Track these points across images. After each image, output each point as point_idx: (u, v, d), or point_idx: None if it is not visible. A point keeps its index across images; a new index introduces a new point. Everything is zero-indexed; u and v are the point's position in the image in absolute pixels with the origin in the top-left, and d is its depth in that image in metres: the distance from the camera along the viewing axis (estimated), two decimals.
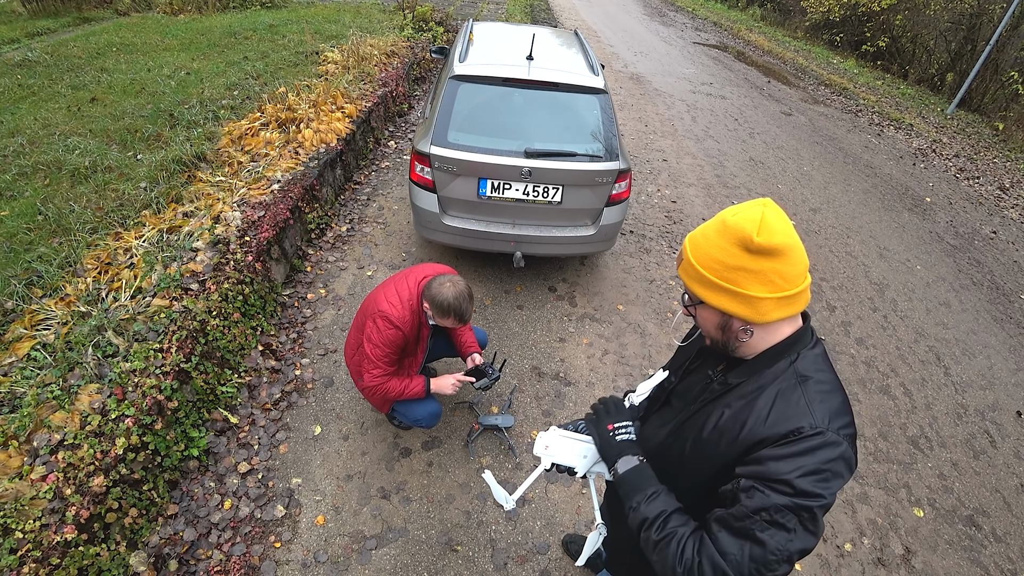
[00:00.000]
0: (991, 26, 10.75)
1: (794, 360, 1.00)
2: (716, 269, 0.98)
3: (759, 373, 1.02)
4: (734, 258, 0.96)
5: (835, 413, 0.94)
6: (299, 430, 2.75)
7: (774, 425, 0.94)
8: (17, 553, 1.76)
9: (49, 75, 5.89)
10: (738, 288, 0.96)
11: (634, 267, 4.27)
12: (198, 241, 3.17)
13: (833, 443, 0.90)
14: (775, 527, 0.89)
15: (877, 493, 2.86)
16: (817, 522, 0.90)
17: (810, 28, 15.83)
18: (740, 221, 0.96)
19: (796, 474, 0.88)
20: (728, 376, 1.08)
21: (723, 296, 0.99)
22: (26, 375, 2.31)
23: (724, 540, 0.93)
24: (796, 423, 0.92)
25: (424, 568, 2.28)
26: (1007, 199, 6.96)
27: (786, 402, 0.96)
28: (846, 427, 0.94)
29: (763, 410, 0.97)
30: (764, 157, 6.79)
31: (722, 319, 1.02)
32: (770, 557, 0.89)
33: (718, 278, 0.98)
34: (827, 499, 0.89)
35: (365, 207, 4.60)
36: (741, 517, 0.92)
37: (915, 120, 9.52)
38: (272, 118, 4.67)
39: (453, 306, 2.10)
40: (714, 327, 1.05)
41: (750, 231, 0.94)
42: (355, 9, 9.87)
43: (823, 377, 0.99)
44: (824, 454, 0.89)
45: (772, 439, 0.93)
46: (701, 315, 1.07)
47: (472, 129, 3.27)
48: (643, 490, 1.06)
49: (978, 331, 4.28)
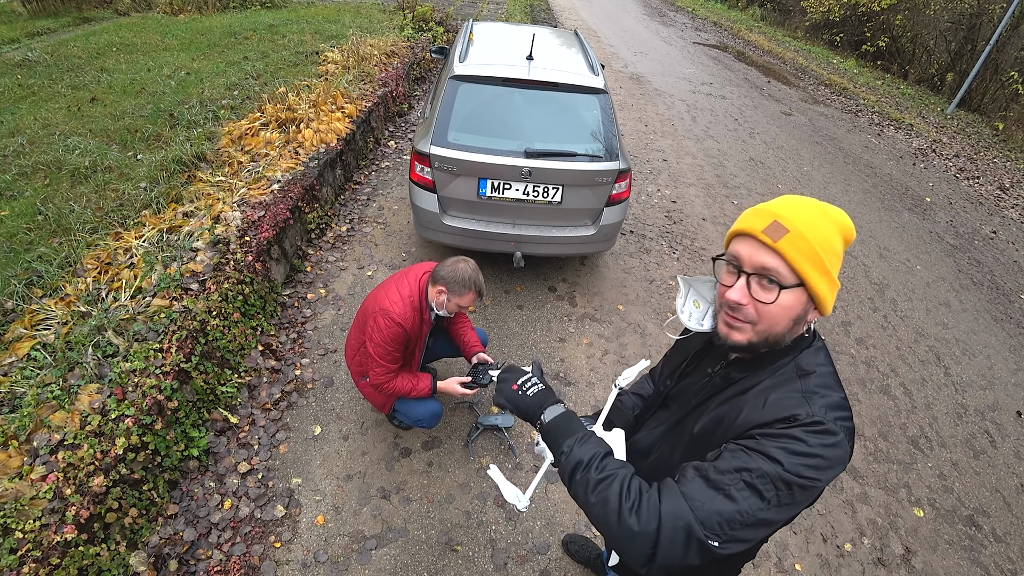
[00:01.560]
0: (991, 26, 10.75)
1: (796, 355, 0.98)
2: (827, 251, 0.91)
3: (765, 367, 0.99)
4: (839, 245, 0.94)
5: (833, 406, 0.91)
6: (299, 430, 2.75)
7: (770, 412, 0.91)
8: (17, 553, 1.76)
9: (49, 75, 5.89)
10: (834, 275, 0.93)
11: (634, 267, 4.27)
12: (198, 241, 3.17)
13: (830, 431, 0.87)
14: (751, 490, 0.85)
15: (877, 493, 2.86)
16: (794, 503, 0.87)
17: (810, 28, 15.83)
18: (837, 212, 0.95)
19: (786, 452, 0.85)
20: (730, 371, 1.05)
21: (825, 281, 0.92)
22: (26, 375, 2.31)
23: (695, 486, 0.88)
24: (793, 411, 0.89)
25: (424, 568, 2.28)
26: (1007, 199, 6.96)
27: (785, 392, 0.93)
28: (844, 420, 0.90)
29: (760, 398, 0.95)
30: (764, 157, 6.79)
31: (803, 309, 0.94)
32: (737, 517, 0.84)
33: (828, 261, 0.91)
34: (813, 484, 0.85)
35: (365, 207, 4.60)
36: (722, 471, 0.87)
37: (915, 120, 9.52)
38: (272, 118, 4.67)
39: (473, 278, 2.14)
40: (790, 318, 0.95)
41: (849, 223, 0.95)
42: (355, 9, 9.87)
43: (824, 371, 0.97)
44: (819, 440, 0.86)
45: (767, 423, 0.90)
46: (783, 303, 0.93)
47: (472, 129, 3.27)
48: (574, 433, 0.99)
49: (978, 331, 4.28)
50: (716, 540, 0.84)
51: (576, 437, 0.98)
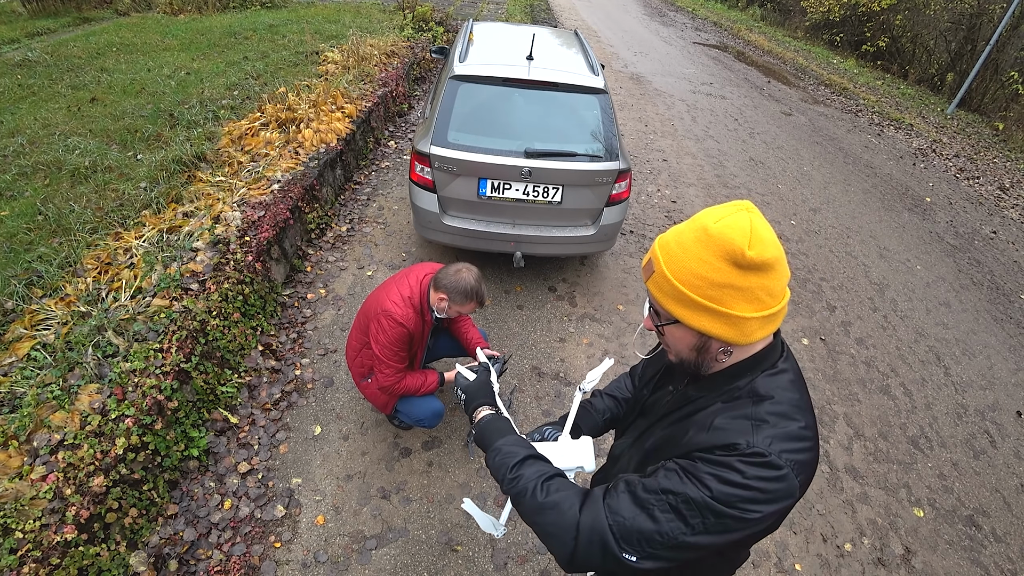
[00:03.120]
0: (991, 26, 10.75)
1: (754, 378, 0.93)
2: (698, 286, 0.86)
3: (718, 389, 0.96)
4: (720, 274, 0.84)
5: (783, 437, 0.85)
6: (299, 430, 2.75)
7: (712, 437, 0.88)
8: (17, 553, 1.76)
9: (49, 75, 5.89)
10: (722, 308, 0.86)
11: (634, 267, 4.26)
12: (198, 241, 3.17)
13: (771, 464, 0.82)
14: (675, 514, 0.84)
15: (877, 493, 2.86)
16: (728, 530, 0.83)
17: (810, 28, 15.84)
18: (726, 231, 0.83)
19: (718, 481, 0.82)
20: (688, 390, 1.03)
21: (704, 316, 0.87)
22: (26, 375, 2.31)
23: (621, 501, 0.88)
24: (733, 439, 0.85)
25: (424, 568, 2.28)
26: (1007, 199, 6.96)
27: (731, 417, 0.90)
28: (795, 452, 0.84)
29: (707, 420, 0.92)
30: (764, 157, 6.79)
31: (699, 340, 0.92)
32: (656, 538, 0.84)
33: (700, 296, 0.86)
34: (750, 516, 0.81)
35: (365, 207, 4.60)
36: (650, 490, 0.87)
37: (915, 120, 9.52)
38: (272, 118, 4.67)
39: (476, 288, 2.14)
40: (688, 348, 0.94)
41: (741, 243, 0.82)
42: (355, 9, 9.87)
43: (783, 397, 0.90)
44: (757, 472, 0.81)
45: (706, 447, 0.87)
46: (673, 335, 0.95)
47: (472, 129, 3.27)
48: (503, 434, 1.10)
49: (978, 331, 4.28)
50: (633, 555, 0.86)
51: (505, 440, 1.07)
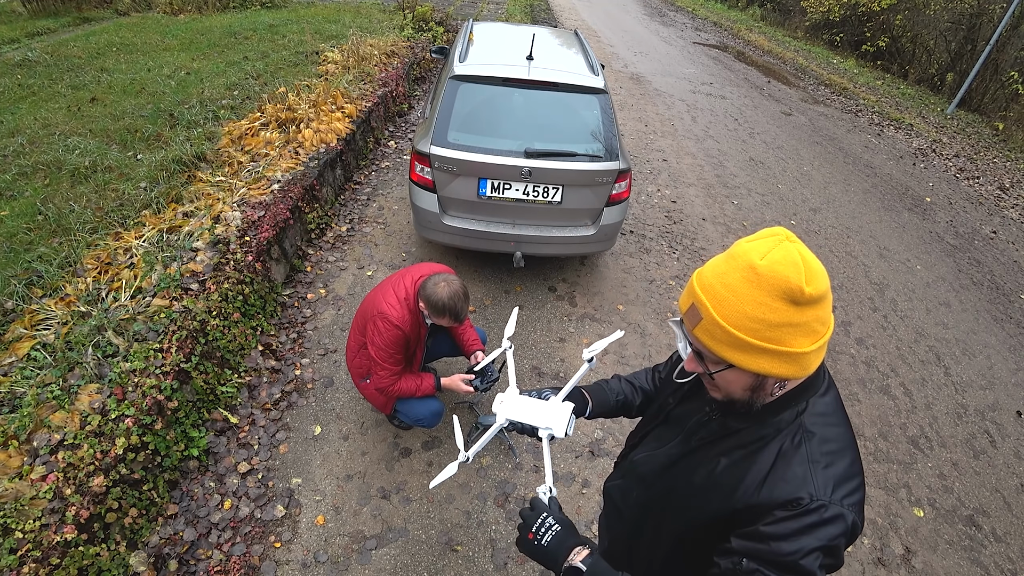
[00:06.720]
0: (991, 26, 10.75)
1: (802, 411, 0.90)
2: (755, 329, 0.80)
3: (762, 422, 0.92)
4: (777, 314, 0.79)
5: (841, 478, 0.85)
6: (299, 430, 2.75)
7: (772, 491, 0.85)
8: (17, 553, 1.76)
9: (49, 75, 5.89)
10: (782, 347, 0.81)
11: (634, 267, 4.27)
12: (198, 241, 3.17)
13: (838, 517, 0.82)
14: None
15: (877, 493, 2.86)
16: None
17: (810, 28, 15.83)
18: (780, 268, 0.78)
19: (800, 555, 0.80)
20: (728, 420, 0.98)
21: (763, 358, 0.82)
22: (26, 375, 2.31)
23: None
24: (796, 492, 0.83)
25: (424, 568, 2.28)
26: (1007, 199, 6.96)
27: (787, 464, 0.87)
28: (852, 494, 0.84)
29: (762, 470, 0.89)
30: (764, 157, 6.79)
31: (756, 380, 0.87)
32: None
33: (758, 339, 0.80)
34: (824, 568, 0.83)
35: (365, 207, 4.60)
36: None
37: (915, 120, 9.52)
38: (272, 118, 4.67)
39: (448, 305, 2.10)
40: (742, 389, 0.89)
41: (798, 281, 0.77)
42: (355, 9, 9.87)
43: (831, 434, 0.89)
44: (828, 531, 0.81)
45: (769, 507, 0.85)
46: (726, 378, 0.89)
47: (472, 129, 3.27)
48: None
49: (978, 331, 4.28)
50: None
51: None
